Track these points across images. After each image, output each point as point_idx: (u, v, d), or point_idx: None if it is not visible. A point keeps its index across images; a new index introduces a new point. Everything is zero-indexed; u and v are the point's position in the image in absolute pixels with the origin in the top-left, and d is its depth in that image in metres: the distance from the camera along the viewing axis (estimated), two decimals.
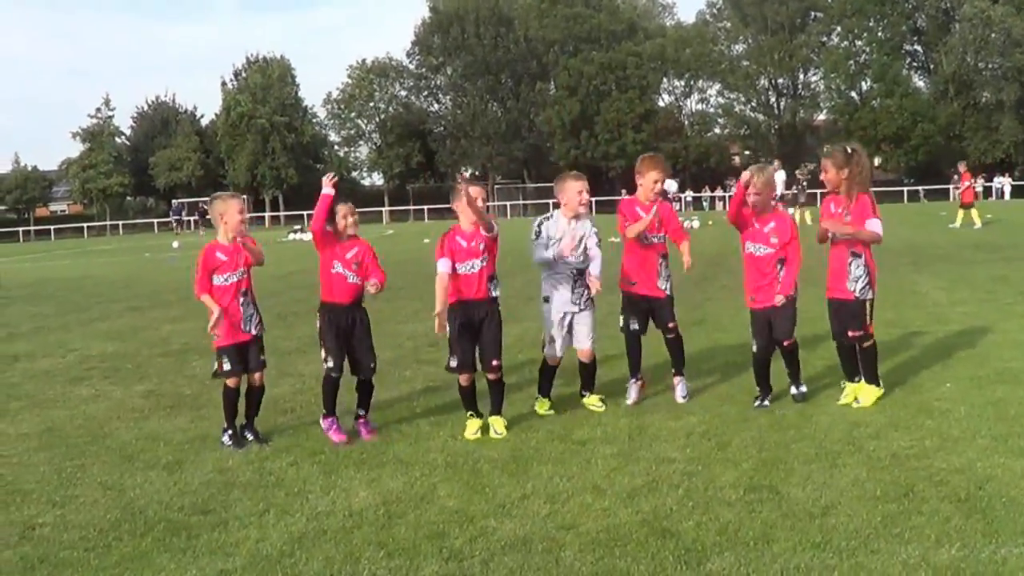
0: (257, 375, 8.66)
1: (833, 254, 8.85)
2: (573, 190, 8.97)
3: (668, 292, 9.23)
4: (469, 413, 8.64)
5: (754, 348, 9.10)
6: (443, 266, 8.39)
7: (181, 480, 7.47)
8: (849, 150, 8.77)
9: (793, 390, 9.14)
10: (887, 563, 5.32)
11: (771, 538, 5.73)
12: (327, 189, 8.31)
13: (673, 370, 9.47)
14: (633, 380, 9.41)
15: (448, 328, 8.43)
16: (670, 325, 9.27)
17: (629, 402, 9.27)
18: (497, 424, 8.58)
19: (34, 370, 12.80)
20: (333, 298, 8.60)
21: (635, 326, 9.31)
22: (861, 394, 8.79)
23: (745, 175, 8.87)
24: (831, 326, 9.05)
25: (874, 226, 8.62)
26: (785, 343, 9.00)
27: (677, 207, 60.13)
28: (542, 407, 9.17)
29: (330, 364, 8.59)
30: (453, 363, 8.56)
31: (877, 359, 8.95)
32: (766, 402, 8.98)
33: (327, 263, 8.58)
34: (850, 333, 8.78)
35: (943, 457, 7.10)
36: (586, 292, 9.00)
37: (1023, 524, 5.78)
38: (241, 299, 8.50)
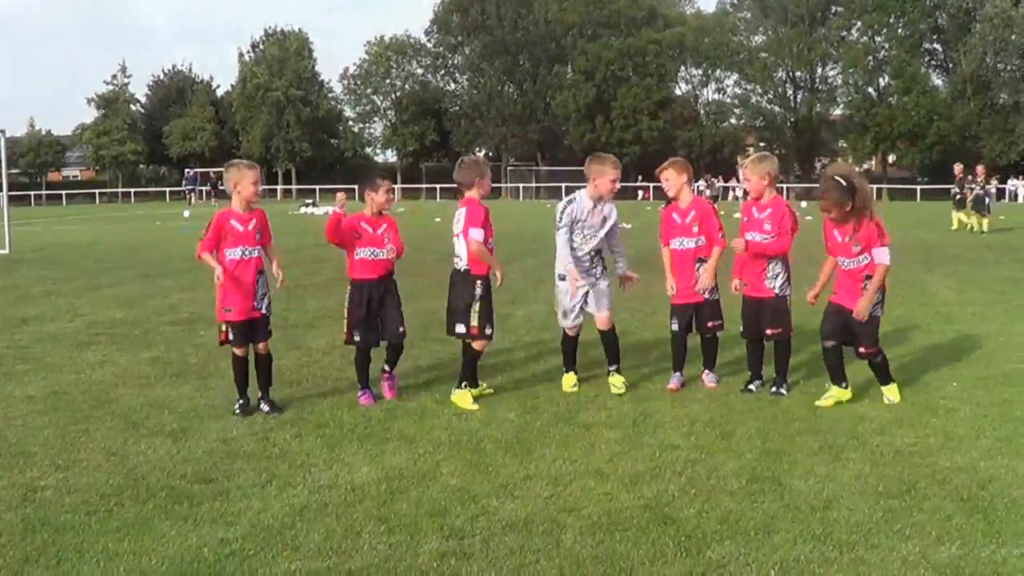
0: (261, 344, 8.73)
1: (848, 273, 8.60)
2: (608, 177, 9.00)
3: (706, 297, 9.23)
4: (464, 384, 8.79)
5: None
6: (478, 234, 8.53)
7: (185, 448, 7.49)
8: (845, 182, 8.31)
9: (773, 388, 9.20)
10: (887, 558, 5.32)
11: (772, 529, 5.74)
12: (338, 209, 8.49)
13: (704, 367, 9.53)
14: (677, 373, 9.43)
15: (478, 297, 8.65)
16: (709, 324, 9.32)
17: (672, 387, 9.27)
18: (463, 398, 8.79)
19: (42, 333, 12.83)
20: (364, 275, 8.80)
21: (676, 327, 9.37)
22: (890, 393, 8.71)
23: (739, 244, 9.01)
24: (825, 326, 8.68)
25: (882, 256, 8.38)
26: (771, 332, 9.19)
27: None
28: (568, 382, 9.25)
29: (358, 339, 8.86)
30: (489, 331, 8.74)
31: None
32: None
33: (350, 252, 8.81)
34: (862, 350, 8.61)
35: (947, 455, 7.11)
36: (601, 266, 9.15)
37: None
38: (258, 277, 8.56)
